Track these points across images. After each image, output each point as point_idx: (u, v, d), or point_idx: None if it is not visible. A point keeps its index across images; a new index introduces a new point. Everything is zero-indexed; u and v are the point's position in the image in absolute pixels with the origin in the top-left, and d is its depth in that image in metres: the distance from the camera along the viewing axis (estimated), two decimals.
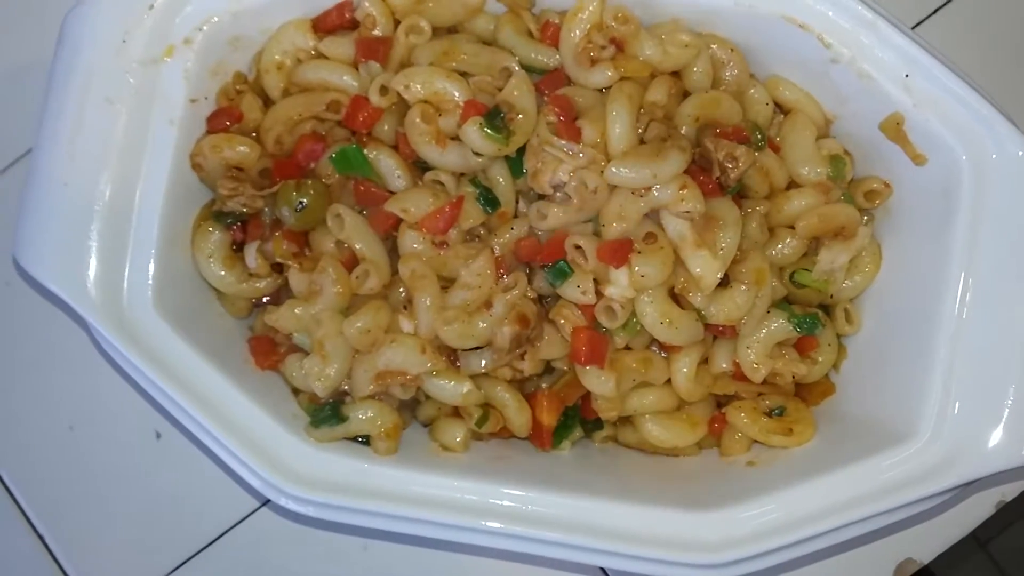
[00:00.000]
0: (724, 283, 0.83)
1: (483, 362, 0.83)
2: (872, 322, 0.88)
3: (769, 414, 0.86)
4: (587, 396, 0.86)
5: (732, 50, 0.87)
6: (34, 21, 1.04)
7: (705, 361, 0.87)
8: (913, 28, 1.01)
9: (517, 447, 0.88)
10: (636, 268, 0.80)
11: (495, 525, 0.78)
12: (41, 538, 1.01)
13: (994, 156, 0.78)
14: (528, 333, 0.81)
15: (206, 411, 0.80)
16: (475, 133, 0.81)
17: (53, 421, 1.01)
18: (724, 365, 0.86)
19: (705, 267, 0.81)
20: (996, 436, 0.77)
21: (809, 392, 0.89)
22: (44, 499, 1.01)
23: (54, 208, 0.81)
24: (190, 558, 0.99)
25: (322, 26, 0.88)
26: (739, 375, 0.86)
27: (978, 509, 0.96)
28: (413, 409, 0.88)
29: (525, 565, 0.95)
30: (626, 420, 0.89)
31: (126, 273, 0.81)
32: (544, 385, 0.87)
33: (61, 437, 1.01)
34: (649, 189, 0.81)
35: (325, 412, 0.82)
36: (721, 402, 0.89)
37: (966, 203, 0.79)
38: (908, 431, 0.78)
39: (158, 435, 1.00)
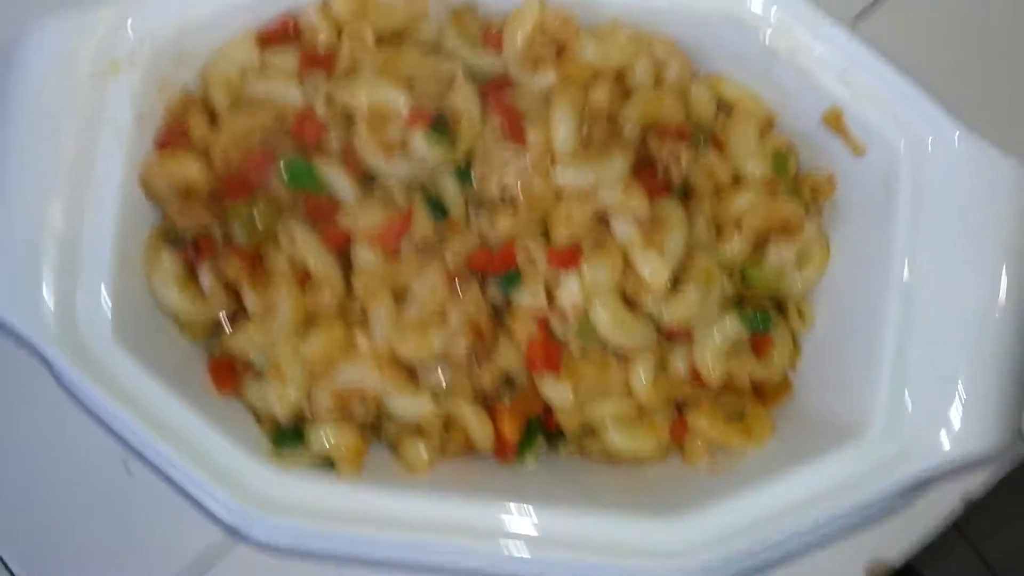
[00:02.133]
0: (674, 285, 0.84)
1: (442, 376, 0.84)
2: (825, 318, 0.89)
3: (728, 417, 0.87)
4: (549, 408, 0.87)
5: (673, 49, 0.87)
6: None
7: (664, 367, 0.88)
8: (855, 18, 1.02)
9: (482, 462, 0.88)
10: (586, 272, 0.81)
11: (461, 541, 0.79)
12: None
13: (931, 141, 0.79)
14: (484, 344, 0.82)
15: (169, 440, 0.79)
16: (422, 142, 0.81)
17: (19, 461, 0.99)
18: (681, 369, 0.87)
19: (653, 268, 0.82)
20: (949, 428, 0.78)
21: (768, 393, 0.90)
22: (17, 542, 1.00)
23: (2, 234, 0.80)
24: None
25: (267, 39, 0.88)
26: (697, 379, 0.87)
27: (943, 505, 0.97)
28: (378, 429, 0.88)
29: None
30: (590, 430, 0.89)
31: (79, 300, 0.80)
32: (507, 398, 0.87)
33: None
34: (596, 192, 0.81)
35: (287, 435, 0.82)
36: (682, 407, 0.90)
37: (906, 190, 0.80)
38: (861, 427, 0.79)
39: (128, 470, 0.98)
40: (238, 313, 0.87)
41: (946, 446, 0.77)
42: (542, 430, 0.88)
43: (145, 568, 0.98)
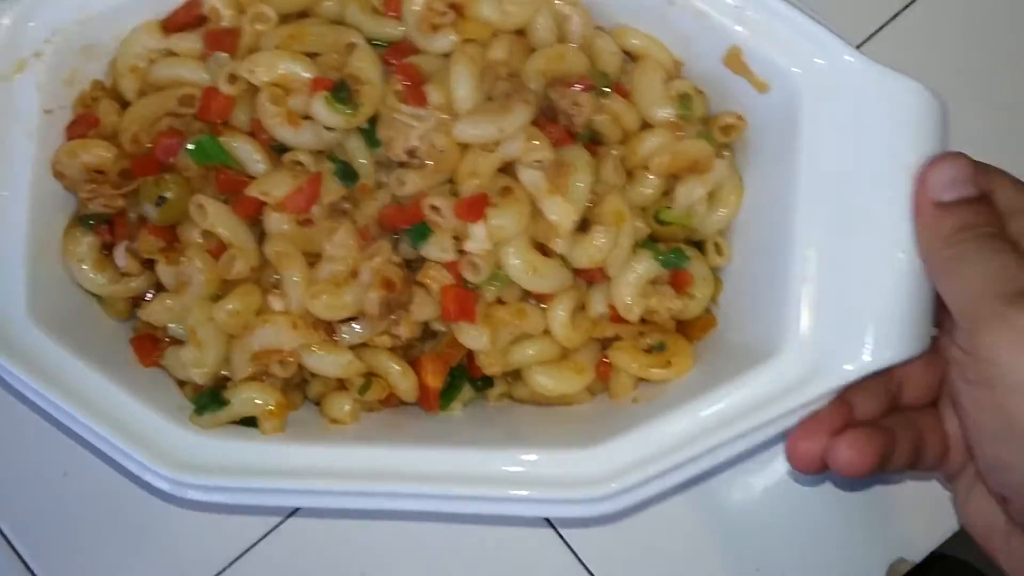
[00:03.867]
0: (585, 228, 0.85)
1: (359, 331, 0.84)
2: (742, 252, 0.90)
3: (650, 351, 0.88)
4: (472, 355, 0.88)
5: (574, 4, 0.89)
6: None
7: (583, 308, 0.88)
8: None
9: (408, 413, 0.89)
10: (492, 220, 0.81)
11: (385, 486, 0.79)
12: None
13: (823, 64, 0.80)
14: (397, 297, 0.82)
15: (91, 413, 0.80)
16: (323, 108, 0.82)
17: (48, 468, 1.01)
18: (600, 309, 0.88)
19: (560, 212, 0.82)
20: (854, 346, 0.78)
21: (692, 327, 0.91)
22: (41, 546, 1.01)
23: None
24: None
25: (172, 26, 0.89)
26: (616, 317, 0.88)
27: None
28: (304, 390, 0.89)
29: (427, 524, 0.98)
30: (516, 375, 0.91)
31: None
32: (429, 349, 0.88)
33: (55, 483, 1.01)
34: (499, 144, 0.82)
35: (205, 398, 0.83)
36: (607, 347, 0.91)
37: (806, 118, 0.81)
38: (773, 349, 0.80)
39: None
40: (158, 288, 0.88)
41: (851, 363, 0.77)
42: (468, 378, 0.89)
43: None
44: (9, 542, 1.01)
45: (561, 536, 1.01)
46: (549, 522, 1.00)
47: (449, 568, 1.00)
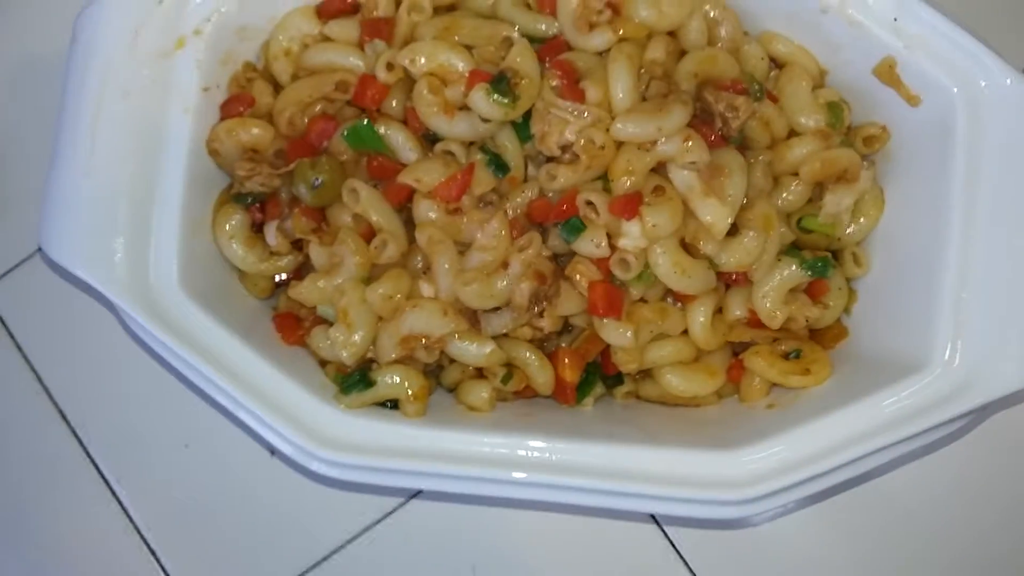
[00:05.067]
0: (733, 231, 0.85)
1: (504, 322, 0.85)
2: (880, 264, 0.90)
3: (786, 357, 0.88)
4: (607, 351, 0.89)
5: (725, 8, 0.89)
6: (45, 19, 1.09)
7: (720, 310, 0.89)
8: None
9: (541, 405, 0.90)
10: (647, 219, 0.82)
11: (524, 475, 0.80)
12: (153, 553, 1.03)
13: (984, 87, 0.81)
14: (546, 290, 0.83)
15: (237, 384, 0.82)
16: (482, 99, 0.83)
17: (170, 439, 1.03)
18: (738, 313, 0.88)
19: (715, 214, 0.83)
20: (1007, 359, 0.79)
21: (823, 337, 0.91)
22: (158, 516, 1.03)
23: (77, 199, 0.83)
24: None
25: (326, 12, 0.91)
26: (753, 322, 0.88)
27: None
28: (438, 376, 0.90)
29: (560, 515, 0.98)
30: (646, 375, 0.91)
31: (151, 258, 0.83)
32: (564, 344, 0.89)
33: (177, 455, 1.03)
34: (655, 143, 0.83)
35: (353, 379, 0.84)
36: (737, 350, 0.91)
37: (962, 136, 0.81)
38: (922, 362, 0.80)
39: (272, 452, 1.01)
40: (301, 269, 0.89)
41: (1004, 376, 0.78)
42: (600, 374, 0.89)
43: (275, 550, 1.01)
44: (127, 511, 1.03)
45: (666, 534, 1.01)
46: (655, 519, 1.00)
47: (558, 559, 1.01)
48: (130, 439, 1.03)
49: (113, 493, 1.03)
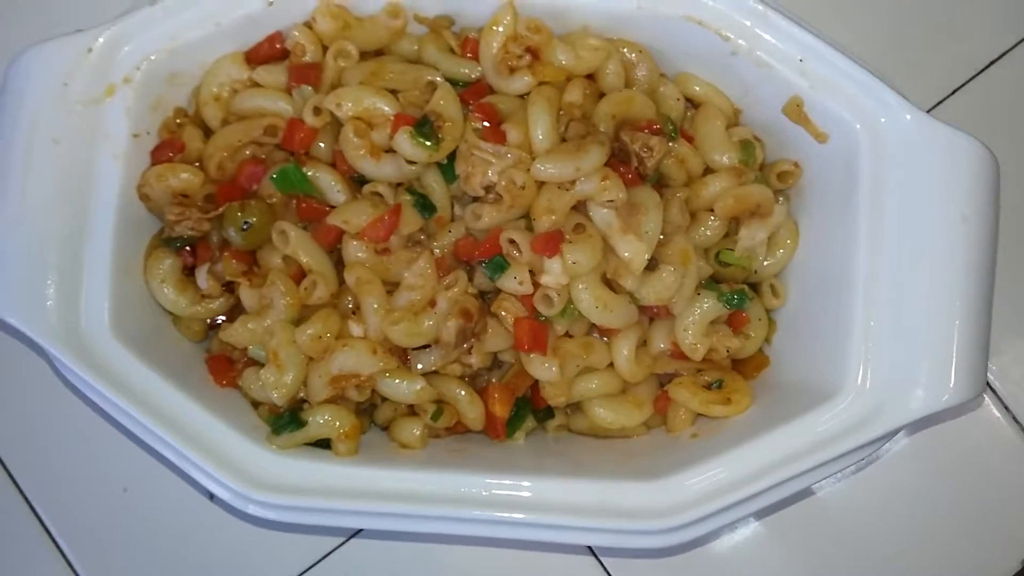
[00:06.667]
0: (652, 266, 0.88)
1: (433, 359, 0.87)
2: (797, 294, 0.93)
3: (708, 387, 0.91)
4: (536, 386, 0.91)
5: (641, 51, 0.93)
6: None
7: (645, 343, 0.92)
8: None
9: (473, 440, 0.92)
10: (568, 256, 0.85)
11: (457, 511, 0.82)
12: None
13: (885, 123, 0.84)
14: (472, 327, 0.85)
15: (170, 430, 0.83)
16: (407, 142, 0.86)
17: (108, 484, 1.03)
18: (662, 345, 0.91)
19: (632, 250, 0.86)
20: (916, 386, 0.82)
21: (746, 366, 0.94)
22: (100, 562, 1.03)
23: (7, 245, 0.84)
24: None
25: (255, 58, 0.93)
26: (677, 354, 0.91)
27: None
28: (371, 414, 0.92)
29: (499, 549, 1.00)
30: (576, 407, 0.94)
31: (82, 303, 0.84)
32: (494, 379, 0.91)
33: (115, 499, 1.03)
34: (574, 183, 0.86)
35: (284, 419, 0.85)
36: (663, 382, 0.94)
37: (866, 171, 0.85)
38: (835, 389, 0.83)
39: (211, 496, 1.01)
40: (233, 312, 0.91)
41: (913, 403, 0.81)
42: (530, 408, 0.92)
43: None
44: (66, 557, 1.03)
45: (603, 565, 1.03)
46: (592, 551, 1.03)
47: None
48: (68, 484, 1.03)
49: (52, 538, 1.03)
